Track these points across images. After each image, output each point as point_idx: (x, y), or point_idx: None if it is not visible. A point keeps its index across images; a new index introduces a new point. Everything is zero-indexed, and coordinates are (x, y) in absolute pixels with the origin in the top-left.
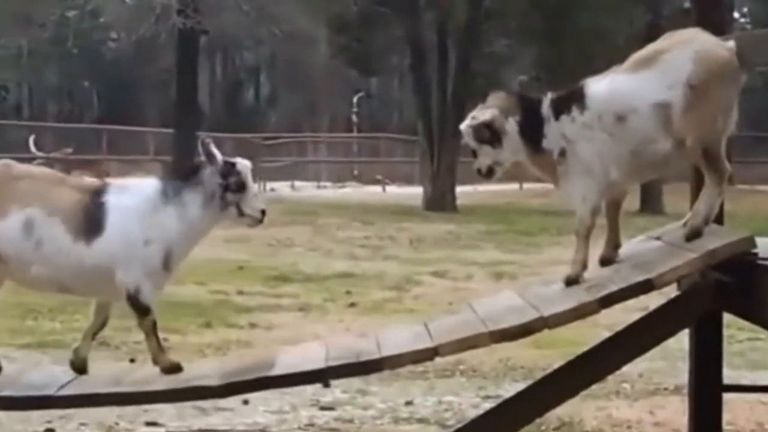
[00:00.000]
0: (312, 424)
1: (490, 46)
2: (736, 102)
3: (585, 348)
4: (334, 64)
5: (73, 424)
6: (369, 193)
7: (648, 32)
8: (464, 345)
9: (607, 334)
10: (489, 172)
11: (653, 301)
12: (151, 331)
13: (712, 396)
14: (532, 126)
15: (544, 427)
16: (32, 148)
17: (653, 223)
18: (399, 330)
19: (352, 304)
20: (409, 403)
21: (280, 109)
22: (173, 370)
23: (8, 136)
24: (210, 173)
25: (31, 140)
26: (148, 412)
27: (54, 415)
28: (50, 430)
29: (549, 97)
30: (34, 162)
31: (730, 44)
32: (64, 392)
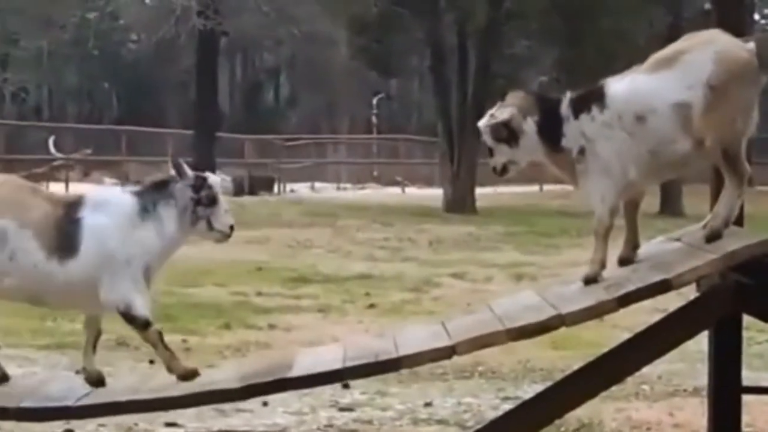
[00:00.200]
0: (331, 426)
1: (511, 48)
2: (757, 103)
3: (604, 349)
4: (353, 65)
5: (92, 425)
6: (388, 195)
7: (668, 34)
8: (481, 343)
9: (626, 335)
10: (503, 170)
11: (673, 303)
12: (159, 342)
13: (732, 398)
14: (551, 125)
15: (563, 429)
16: (52, 150)
17: (673, 225)
18: (416, 329)
19: (371, 306)
20: (428, 405)
21: (299, 111)
22: (189, 376)
23: (28, 138)
24: (181, 187)
25: (50, 141)
26: (168, 414)
27: None
28: (69, 430)
29: (568, 96)
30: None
31: (751, 45)
32: (82, 402)
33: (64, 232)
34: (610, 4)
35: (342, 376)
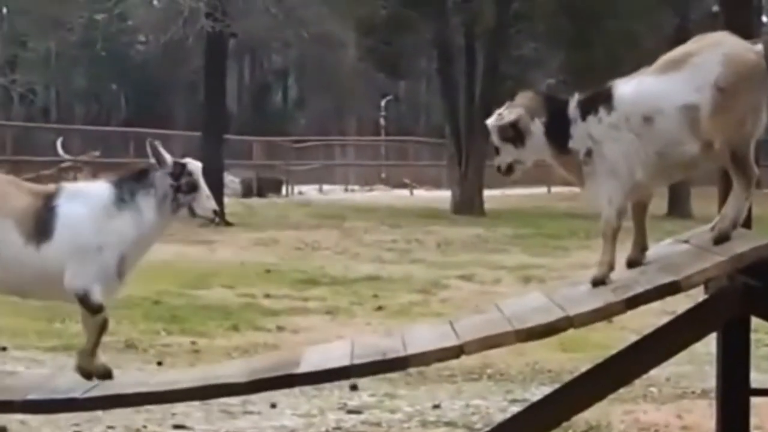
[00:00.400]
0: (339, 428)
1: (518, 50)
2: (765, 105)
3: (612, 351)
4: (361, 67)
5: (101, 427)
6: (396, 197)
7: (676, 36)
8: (489, 343)
9: (634, 337)
10: (508, 170)
11: (681, 305)
12: (99, 328)
13: (740, 400)
14: (559, 127)
15: (571, 431)
16: (60, 151)
17: (681, 227)
18: (425, 329)
19: (379, 308)
20: (437, 407)
21: (307, 112)
22: (100, 374)
23: (36, 139)
24: (161, 175)
25: (58, 143)
26: (176, 416)
27: (82, 418)
28: None
29: (576, 97)
30: (63, 165)
31: (759, 47)
32: (89, 395)
33: (42, 220)
34: (618, 6)
35: (349, 374)
